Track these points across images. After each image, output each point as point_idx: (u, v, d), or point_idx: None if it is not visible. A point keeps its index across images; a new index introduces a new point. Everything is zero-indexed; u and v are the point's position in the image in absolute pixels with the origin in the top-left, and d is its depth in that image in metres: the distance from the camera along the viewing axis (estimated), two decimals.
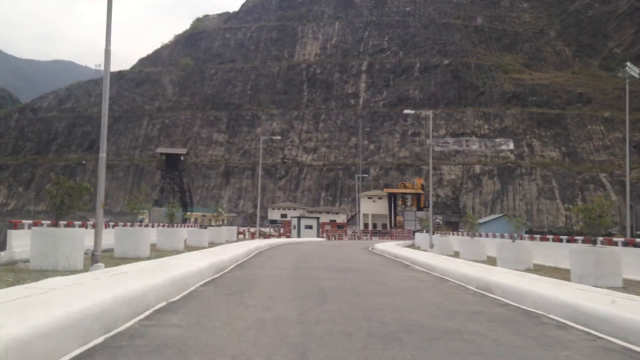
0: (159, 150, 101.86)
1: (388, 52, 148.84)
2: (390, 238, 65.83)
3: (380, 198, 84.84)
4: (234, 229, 42.23)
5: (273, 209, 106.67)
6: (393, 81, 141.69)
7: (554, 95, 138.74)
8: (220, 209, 56.74)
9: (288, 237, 53.05)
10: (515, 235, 21.80)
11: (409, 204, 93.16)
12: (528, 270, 15.90)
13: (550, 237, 22.37)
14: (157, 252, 18.69)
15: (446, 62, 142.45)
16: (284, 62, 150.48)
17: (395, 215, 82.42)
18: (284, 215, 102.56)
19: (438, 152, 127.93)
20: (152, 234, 20.16)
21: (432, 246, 28.12)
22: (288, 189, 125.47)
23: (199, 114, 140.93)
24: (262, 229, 78.96)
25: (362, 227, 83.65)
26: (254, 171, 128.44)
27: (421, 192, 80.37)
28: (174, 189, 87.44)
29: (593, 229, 13.12)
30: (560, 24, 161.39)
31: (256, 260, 18.89)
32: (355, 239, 59.48)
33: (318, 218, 58.85)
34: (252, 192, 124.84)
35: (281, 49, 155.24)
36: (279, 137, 68.44)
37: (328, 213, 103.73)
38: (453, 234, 40.60)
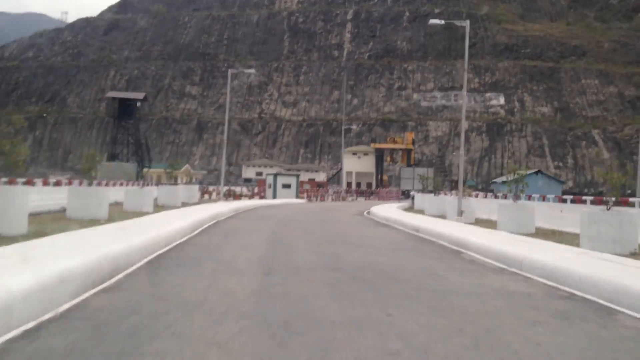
0: (110, 94, 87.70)
1: (375, 0, 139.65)
2: (378, 199, 59.25)
3: (365, 154, 77.80)
4: (195, 188, 35.28)
5: (248, 166, 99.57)
6: (380, 31, 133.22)
7: (548, 48, 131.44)
8: (172, 165, 48.35)
9: (262, 197, 46.03)
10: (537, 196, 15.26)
11: (397, 161, 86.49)
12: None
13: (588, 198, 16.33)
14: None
15: (437, 11, 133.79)
16: (264, 10, 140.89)
17: (382, 173, 75.59)
18: (259, 174, 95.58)
19: (425, 107, 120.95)
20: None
21: (460, 214, 21.05)
22: (265, 146, 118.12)
23: (170, 65, 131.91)
24: (234, 187, 72.09)
25: (344, 185, 77.07)
26: (229, 126, 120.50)
27: (412, 147, 73.48)
28: (128, 141, 76.33)
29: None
30: None
31: (197, 246, 11.19)
32: (339, 200, 52.58)
33: (297, 176, 51.44)
34: (227, 149, 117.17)
35: None
36: (252, 71, 59.44)
37: (307, 171, 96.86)
38: (448, 195, 34.25)
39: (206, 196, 41.48)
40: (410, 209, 34.03)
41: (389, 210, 25.75)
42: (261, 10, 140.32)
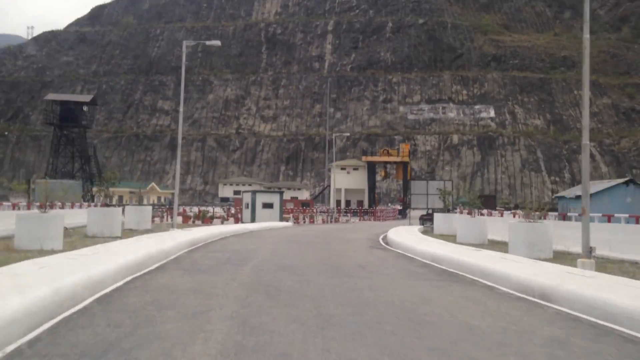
0: (50, 96, 72.83)
1: (357, 11, 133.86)
2: (374, 219, 51.83)
3: (355, 169, 70.24)
4: (148, 210, 27.33)
5: (225, 185, 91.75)
6: (362, 42, 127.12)
7: (537, 59, 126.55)
8: (111, 182, 40.10)
9: (238, 220, 38.17)
10: None
11: (391, 175, 79.23)
12: None
13: None
14: None
15: (421, 21, 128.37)
16: (240, 21, 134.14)
17: (374, 189, 67.84)
18: (237, 192, 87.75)
19: (412, 121, 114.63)
20: None
21: (590, 251, 11.73)
22: (243, 163, 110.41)
23: (141, 79, 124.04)
24: (207, 208, 64.14)
25: (333, 204, 69.53)
26: (204, 143, 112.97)
27: (408, 160, 66.12)
28: (73, 154, 61.89)
29: None
30: None
31: None
32: (332, 222, 44.86)
33: (281, 193, 42.90)
34: (202, 167, 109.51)
35: (237, 7, 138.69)
36: (217, 42, 52.24)
37: (289, 189, 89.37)
38: (487, 214, 27.30)
39: (157, 220, 33.72)
40: (427, 232, 26.84)
41: (420, 240, 18.46)
42: (237, 22, 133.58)
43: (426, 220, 36.49)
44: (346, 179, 65.20)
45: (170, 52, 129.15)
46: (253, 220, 35.91)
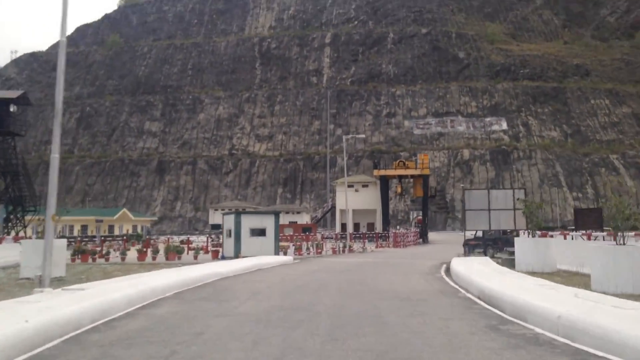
0: None
1: (355, 22, 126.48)
2: (394, 245, 42.81)
3: (365, 186, 60.95)
4: (62, 246, 17.84)
5: (216, 210, 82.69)
6: (362, 55, 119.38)
7: (548, 67, 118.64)
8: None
9: (216, 256, 28.86)
10: None
11: (408, 192, 70.31)
12: None
13: None
14: None
15: (424, 31, 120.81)
16: (232, 36, 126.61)
17: (388, 208, 58.02)
18: None
19: (418, 135, 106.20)
20: None
21: None
22: (237, 186, 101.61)
23: (127, 99, 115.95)
24: (190, 237, 55.34)
25: (338, 227, 60.37)
26: (194, 166, 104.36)
27: (428, 172, 56.89)
28: None
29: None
30: None
31: None
32: (344, 252, 35.19)
33: (277, 214, 31.91)
34: (192, 192, 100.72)
35: (229, 22, 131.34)
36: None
37: (287, 213, 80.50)
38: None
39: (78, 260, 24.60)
40: (503, 263, 18.15)
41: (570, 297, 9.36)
42: (229, 37, 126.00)
43: (474, 246, 27.75)
44: (354, 198, 55.26)
45: (158, 71, 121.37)
46: (237, 253, 26.79)
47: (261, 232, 28.24)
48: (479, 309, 10.18)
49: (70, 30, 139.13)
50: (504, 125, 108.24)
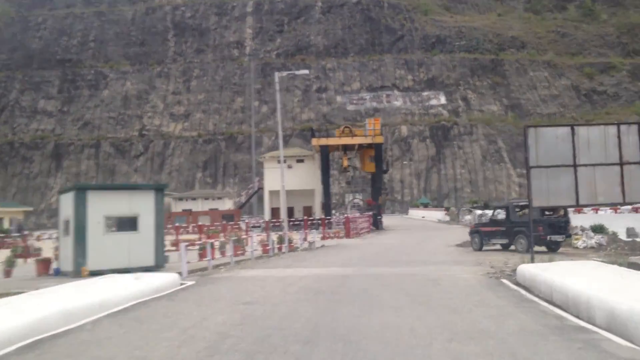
0: None
1: None
2: (347, 234, 32.43)
3: (301, 161, 49.68)
4: None
5: None
6: (288, 25, 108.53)
7: (484, 40, 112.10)
8: None
9: (46, 270, 16.49)
10: None
11: (354, 165, 59.84)
12: None
13: None
14: None
15: (354, 0, 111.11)
16: (141, 4, 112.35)
17: (328, 186, 46.51)
18: None
19: (352, 111, 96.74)
20: None
21: None
22: (149, 171, 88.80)
23: (18, 76, 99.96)
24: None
25: (267, 213, 49.31)
26: (98, 149, 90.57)
27: (381, 141, 46.22)
28: None
29: None
30: None
31: None
32: (280, 249, 22.40)
33: (159, 190, 17.26)
34: (96, 178, 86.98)
35: None
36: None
37: (207, 199, 69.13)
38: None
39: None
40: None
41: None
42: (137, 6, 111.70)
43: (490, 235, 18.25)
44: (287, 177, 42.74)
45: (55, 43, 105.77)
46: (80, 265, 14.94)
47: (130, 224, 16.06)
48: None
49: None
50: (443, 100, 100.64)
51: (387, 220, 50.66)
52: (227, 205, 67.47)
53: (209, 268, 16.26)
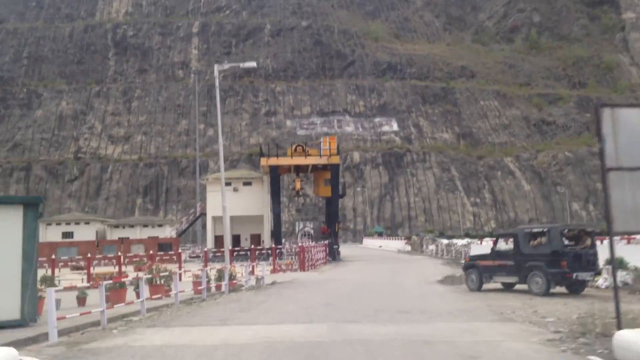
0: None
1: (227, 11, 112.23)
2: (301, 266, 27.96)
3: (247, 183, 45.33)
4: None
5: (49, 224, 62.99)
6: (236, 47, 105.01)
7: (434, 68, 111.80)
8: None
9: None
10: None
11: (307, 191, 55.63)
12: None
13: None
14: None
15: (304, 24, 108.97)
16: (80, 22, 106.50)
17: (279, 212, 42.38)
18: (68, 235, 60.74)
19: (302, 136, 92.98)
20: None
21: None
22: (84, 197, 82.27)
23: None
24: None
25: (210, 243, 44.27)
26: (28, 172, 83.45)
27: (338, 162, 42.39)
28: None
29: None
30: None
31: None
32: (219, 289, 17.39)
33: (29, 205, 10.87)
34: None
35: (76, 6, 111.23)
36: None
37: (146, 226, 63.36)
38: None
39: None
40: None
41: None
42: (75, 23, 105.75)
43: (493, 270, 14.67)
44: (233, 201, 38.19)
45: None
46: None
47: None
48: None
49: None
50: (395, 126, 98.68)
51: (343, 250, 46.36)
52: (167, 232, 62.09)
53: (101, 323, 10.61)
